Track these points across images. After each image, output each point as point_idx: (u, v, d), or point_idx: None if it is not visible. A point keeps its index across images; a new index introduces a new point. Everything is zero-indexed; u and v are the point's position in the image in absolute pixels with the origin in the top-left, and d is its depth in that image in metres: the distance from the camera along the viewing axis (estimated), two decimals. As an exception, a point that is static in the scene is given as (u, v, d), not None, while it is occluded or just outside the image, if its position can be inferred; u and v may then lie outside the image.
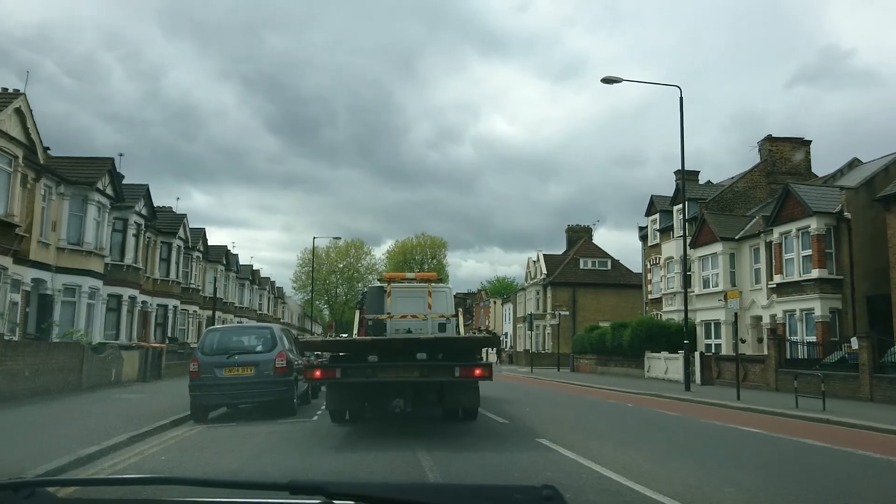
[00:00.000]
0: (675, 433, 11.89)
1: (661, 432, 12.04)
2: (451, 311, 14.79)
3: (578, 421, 13.40)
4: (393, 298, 14.23)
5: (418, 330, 13.61)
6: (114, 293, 27.75)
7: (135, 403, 14.67)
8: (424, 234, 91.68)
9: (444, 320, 14.30)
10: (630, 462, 8.27)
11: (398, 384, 10.33)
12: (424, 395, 10.88)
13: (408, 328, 13.68)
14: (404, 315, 14.07)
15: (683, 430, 12.26)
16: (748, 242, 29.46)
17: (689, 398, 19.45)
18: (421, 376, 9.92)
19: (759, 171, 34.14)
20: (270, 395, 12.08)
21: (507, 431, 11.11)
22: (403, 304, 14.26)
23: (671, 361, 29.81)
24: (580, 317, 55.78)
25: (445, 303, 14.75)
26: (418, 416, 12.00)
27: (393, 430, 11.29)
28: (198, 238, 40.01)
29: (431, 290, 14.52)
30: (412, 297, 14.52)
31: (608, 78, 23.22)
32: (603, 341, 36.06)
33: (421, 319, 14.06)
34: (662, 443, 10.66)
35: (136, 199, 28.92)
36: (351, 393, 10.66)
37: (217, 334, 12.91)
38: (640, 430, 12.40)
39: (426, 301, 14.29)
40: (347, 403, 11.03)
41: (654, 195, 39.63)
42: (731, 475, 7.69)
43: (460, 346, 11.02)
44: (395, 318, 13.99)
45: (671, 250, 34.88)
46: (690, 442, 10.84)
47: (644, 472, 7.54)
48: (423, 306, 14.23)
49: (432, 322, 14.13)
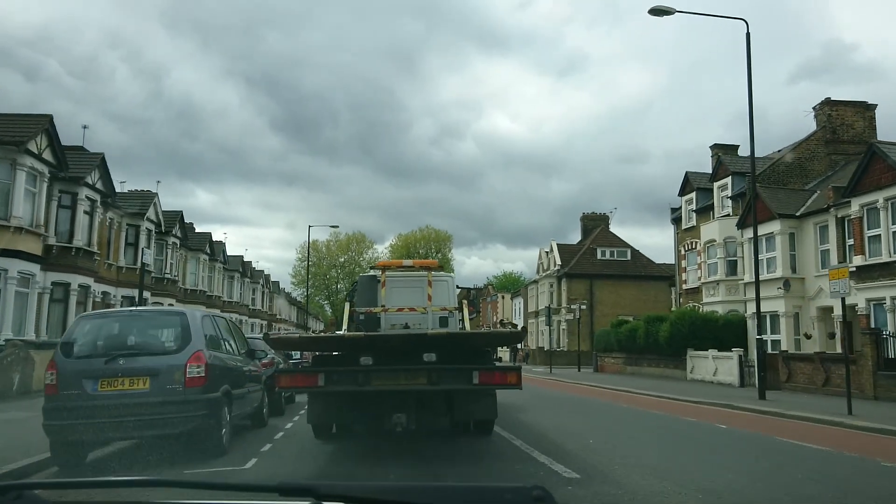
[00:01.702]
0: (834, 480, 7.30)
1: (823, 483, 7.39)
2: (453, 304, 13.06)
3: (680, 465, 8.84)
4: (388, 289, 12.60)
5: (417, 325, 11.88)
6: (60, 281, 23.31)
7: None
8: (429, 227, 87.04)
9: (445, 314, 12.64)
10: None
11: (399, 394, 8.03)
12: (431, 405, 8.59)
13: (405, 322, 11.91)
14: (401, 308, 12.40)
15: (849, 476, 7.68)
16: (812, 219, 24.81)
17: (774, 410, 14.84)
18: (429, 384, 7.65)
19: (816, 140, 29.44)
20: (178, 425, 7.18)
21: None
22: (399, 296, 12.64)
23: (722, 361, 25.21)
24: (597, 311, 51.20)
25: (447, 294, 13.07)
26: (421, 432, 8.95)
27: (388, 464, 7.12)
28: (173, 222, 35.44)
29: (431, 279, 12.75)
30: (409, 287, 12.87)
31: (657, 9, 18.67)
32: (633, 337, 31.43)
33: (420, 313, 12.36)
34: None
35: (88, 169, 24.39)
36: (337, 403, 8.36)
37: (92, 324, 8.07)
38: (795, 483, 7.68)
39: (425, 292, 12.60)
40: (334, 416, 8.69)
41: (689, 172, 35.00)
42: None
43: (477, 343, 9.01)
44: (390, 311, 12.32)
45: (713, 232, 30.21)
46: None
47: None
48: (422, 298, 12.55)
49: (433, 316, 12.43)
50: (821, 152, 29.25)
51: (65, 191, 23.48)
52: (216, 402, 7.56)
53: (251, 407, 9.72)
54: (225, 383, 7.90)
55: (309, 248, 63.05)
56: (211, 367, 7.50)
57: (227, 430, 7.89)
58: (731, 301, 28.97)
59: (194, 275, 41.37)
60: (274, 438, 9.43)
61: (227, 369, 8.24)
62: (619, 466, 7.60)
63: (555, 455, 8.10)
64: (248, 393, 9.24)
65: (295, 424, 11.38)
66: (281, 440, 9.30)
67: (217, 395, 7.60)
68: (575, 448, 8.81)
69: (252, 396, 9.66)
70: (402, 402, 8.14)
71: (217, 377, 7.73)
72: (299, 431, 10.55)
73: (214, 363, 7.70)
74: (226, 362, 8.28)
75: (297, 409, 14.21)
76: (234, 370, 8.66)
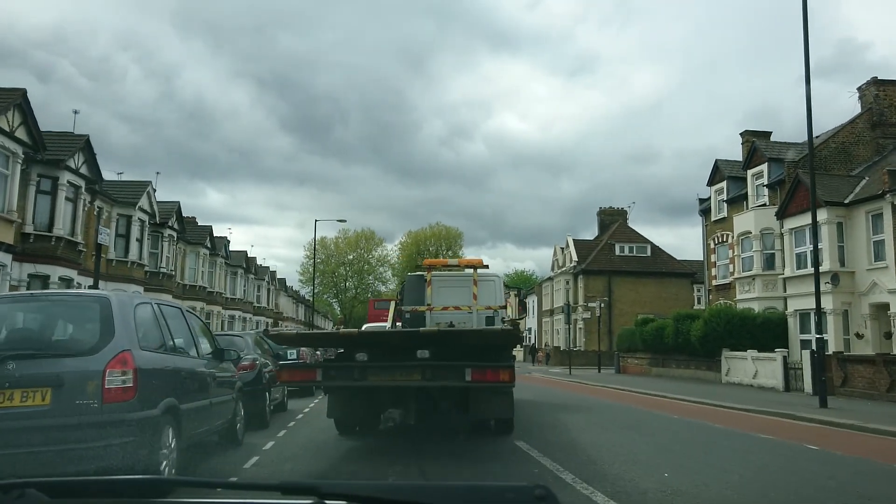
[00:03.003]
0: None
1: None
2: (500, 303, 13.27)
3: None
4: (434, 288, 13.00)
5: (462, 323, 11.75)
6: (38, 273, 21.38)
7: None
8: (439, 224, 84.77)
9: (491, 312, 12.91)
10: None
11: (396, 390, 8.60)
12: (437, 403, 9.21)
13: (450, 321, 11.73)
14: (446, 307, 12.82)
15: None
16: (864, 207, 22.46)
17: (850, 422, 12.59)
18: (423, 379, 7.80)
19: (862, 123, 27.06)
20: (89, 459, 4.89)
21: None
22: (445, 295, 13.06)
23: (763, 363, 22.91)
24: (616, 309, 48.96)
25: (494, 293, 13.32)
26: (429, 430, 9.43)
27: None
28: (170, 213, 33.47)
29: (477, 278, 13.10)
30: (455, 286, 13.30)
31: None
32: (661, 337, 29.13)
33: (465, 311, 12.71)
34: None
35: (70, 152, 22.41)
36: (343, 399, 9.08)
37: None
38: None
39: (471, 290, 12.98)
40: (349, 412, 9.33)
41: (719, 159, 32.69)
42: None
43: (473, 339, 8.83)
44: (435, 309, 12.77)
45: (747, 223, 27.88)
46: None
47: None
48: (467, 296, 12.95)
49: (478, 315, 12.75)
50: (866, 136, 26.87)
51: (44, 175, 21.54)
52: (151, 423, 5.35)
53: (218, 422, 7.58)
54: (169, 395, 5.75)
55: (315, 242, 61.11)
56: (144, 373, 5.34)
57: (172, 460, 5.71)
58: (769, 297, 26.66)
59: (193, 270, 39.42)
60: (244, 467, 7.23)
61: (174, 376, 6.05)
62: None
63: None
64: (210, 406, 7.11)
65: (278, 443, 9.17)
66: (253, 469, 7.14)
67: (153, 414, 5.42)
68: (653, 487, 6.44)
69: (219, 409, 7.52)
70: (399, 398, 8.75)
71: (155, 388, 5.56)
72: (284, 453, 8.42)
73: (150, 367, 5.52)
74: (173, 366, 6.12)
75: (287, 420, 12.09)
76: (189, 376, 6.51)
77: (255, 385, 10.24)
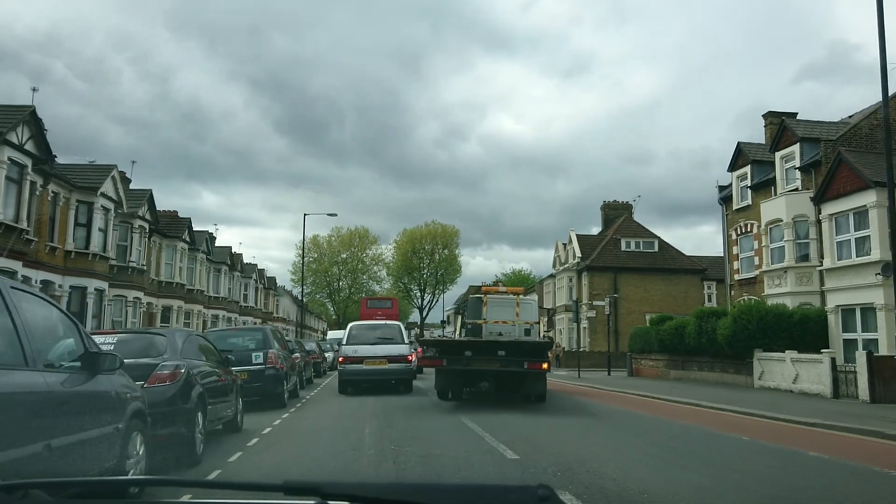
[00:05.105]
0: None
1: None
2: (535, 319, 18.54)
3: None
4: (489, 307, 17.67)
5: (507, 333, 17.08)
6: (-28, 264, 18.47)
7: None
8: (435, 222, 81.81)
9: (528, 326, 17.82)
10: None
11: (484, 372, 14.82)
12: (506, 381, 15.35)
13: (499, 331, 17.14)
14: (497, 321, 17.39)
15: None
16: (919, 188, 19.64)
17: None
18: (501, 367, 14.25)
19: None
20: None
21: None
22: (497, 312, 17.62)
23: (805, 365, 20.10)
24: (622, 307, 46.14)
25: (531, 312, 18.57)
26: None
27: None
28: (140, 202, 30.52)
29: (519, 300, 17.92)
30: (503, 306, 17.90)
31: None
32: (681, 336, 26.28)
33: (510, 325, 17.33)
34: None
35: (9, 125, 19.47)
36: (450, 376, 15.46)
37: None
38: None
39: (514, 310, 17.53)
40: (449, 385, 15.93)
41: (742, 142, 29.93)
42: None
43: (527, 347, 14.93)
44: (489, 322, 17.43)
45: (778, 210, 25.09)
46: None
47: None
48: (512, 314, 17.46)
49: (519, 328, 17.45)
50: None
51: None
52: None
53: (91, 467, 4.71)
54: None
55: (304, 238, 58.11)
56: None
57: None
58: (803, 292, 23.91)
59: (170, 265, 36.46)
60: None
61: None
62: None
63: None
64: (50, 450, 4.18)
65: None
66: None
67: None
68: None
69: (81, 452, 4.59)
70: (485, 376, 15.17)
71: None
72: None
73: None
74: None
75: (233, 448, 9.18)
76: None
77: (175, 405, 7.11)
